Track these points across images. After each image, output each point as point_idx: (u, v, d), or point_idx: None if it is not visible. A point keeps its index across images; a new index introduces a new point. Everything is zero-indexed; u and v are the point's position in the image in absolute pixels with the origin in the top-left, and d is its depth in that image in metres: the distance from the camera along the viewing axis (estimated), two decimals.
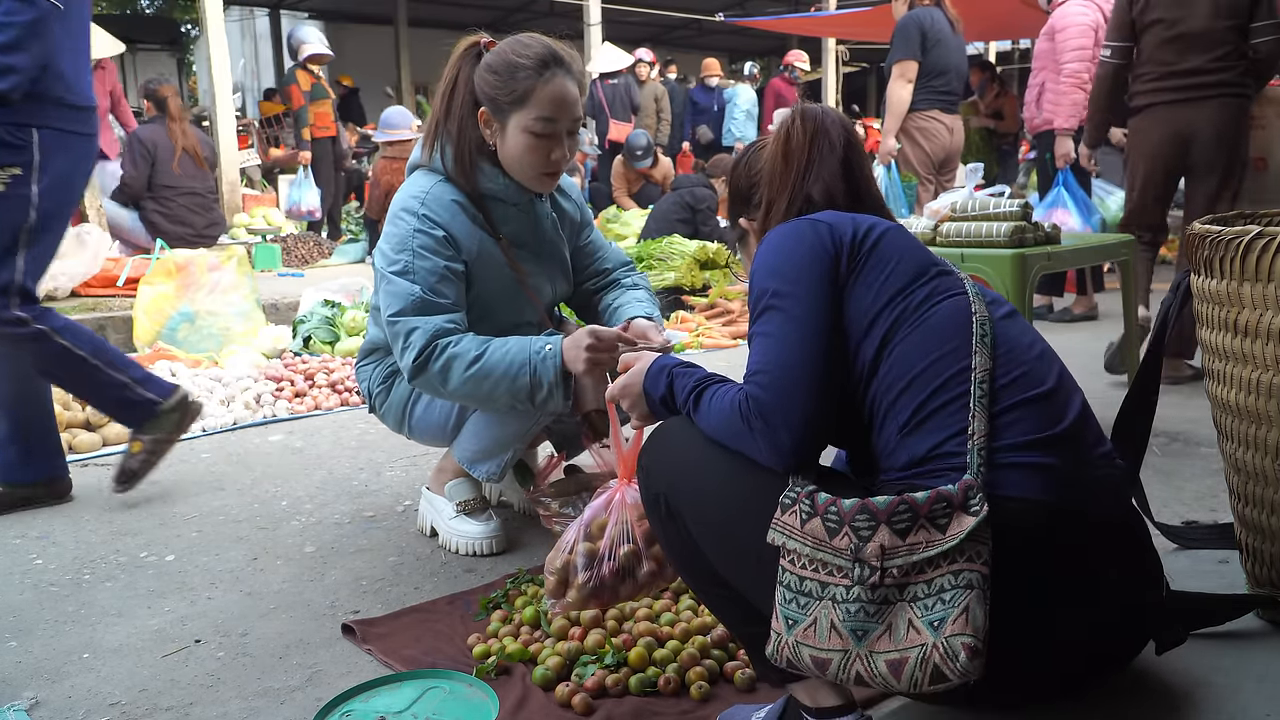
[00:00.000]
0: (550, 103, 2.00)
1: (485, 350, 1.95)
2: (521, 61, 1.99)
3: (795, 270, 1.34)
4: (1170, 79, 3.54)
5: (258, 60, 18.49)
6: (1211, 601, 1.68)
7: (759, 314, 1.35)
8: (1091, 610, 1.24)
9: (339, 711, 1.54)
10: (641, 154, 8.26)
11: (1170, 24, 3.49)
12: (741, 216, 1.62)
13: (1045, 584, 1.20)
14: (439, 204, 2.04)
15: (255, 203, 8.52)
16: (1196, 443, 2.85)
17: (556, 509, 2.25)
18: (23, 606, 2.00)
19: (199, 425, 3.31)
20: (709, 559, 1.31)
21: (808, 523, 1.19)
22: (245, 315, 4.47)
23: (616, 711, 1.53)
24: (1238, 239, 1.56)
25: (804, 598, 1.18)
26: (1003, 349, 1.29)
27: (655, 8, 13.01)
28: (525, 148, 2.03)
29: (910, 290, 1.32)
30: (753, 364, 1.32)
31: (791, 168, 1.49)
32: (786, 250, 1.37)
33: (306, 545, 2.29)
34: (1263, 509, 1.66)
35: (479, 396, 1.99)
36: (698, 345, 4.72)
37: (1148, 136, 3.67)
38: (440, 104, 2.08)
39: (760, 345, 1.33)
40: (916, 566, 1.13)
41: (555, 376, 1.93)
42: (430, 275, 1.99)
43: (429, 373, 1.96)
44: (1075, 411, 1.29)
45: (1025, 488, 1.20)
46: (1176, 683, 1.49)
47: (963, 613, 1.09)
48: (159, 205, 6.13)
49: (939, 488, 1.15)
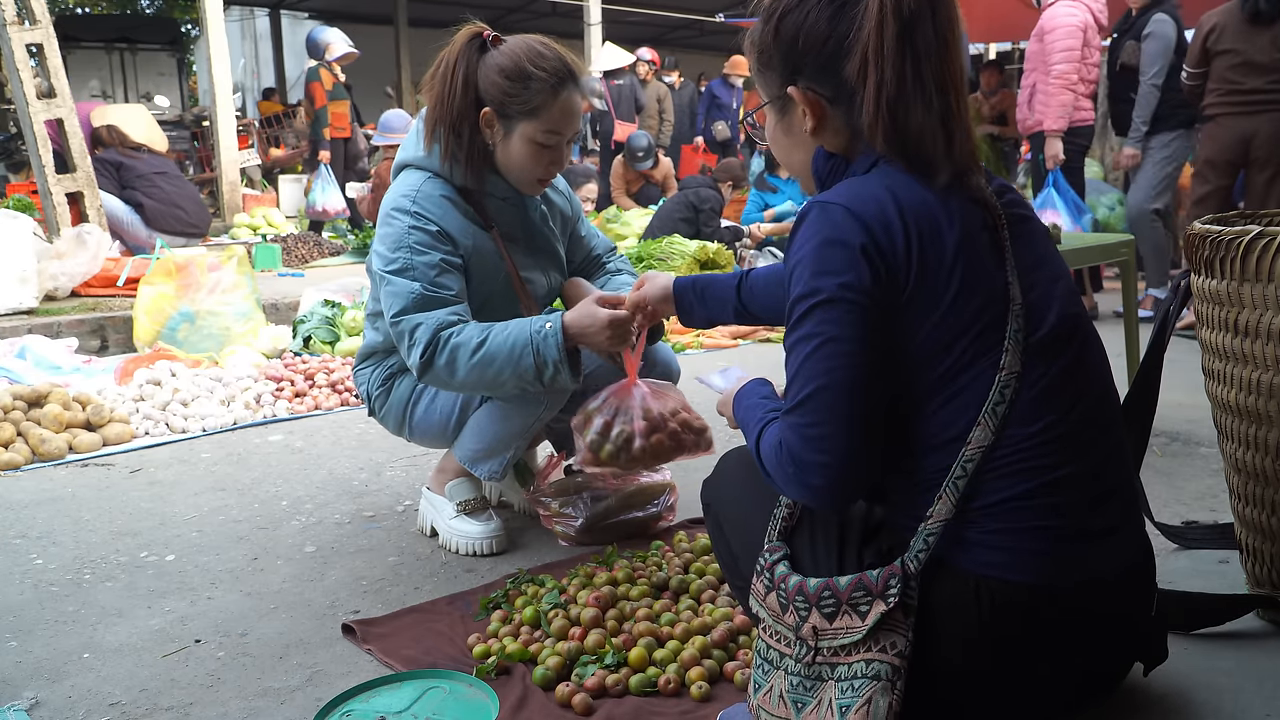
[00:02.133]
0: (559, 118, 2.02)
1: (487, 336, 1.94)
2: (537, 73, 1.99)
3: (850, 280, 1.18)
4: (1236, 94, 4.63)
5: (258, 60, 18.50)
6: (1211, 601, 1.68)
7: (802, 316, 1.21)
8: (1081, 661, 1.26)
9: (339, 711, 1.54)
10: (643, 155, 8.26)
11: (1238, 53, 4.61)
12: (796, 82, 1.30)
13: (1028, 650, 1.22)
14: (430, 201, 2.05)
15: (255, 203, 8.53)
16: (1196, 443, 2.85)
17: (556, 509, 2.25)
18: (23, 606, 2.00)
19: (199, 425, 3.31)
20: (742, 569, 1.39)
21: (767, 595, 1.27)
22: (245, 315, 4.46)
23: (616, 711, 1.53)
24: (1238, 239, 1.56)
25: (767, 665, 1.25)
26: (1015, 424, 1.19)
27: (655, 8, 13.01)
28: (527, 156, 2.05)
29: (954, 345, 1.20)
30: (792, 395, 1.22)
31: (905, 56, 1.20)
32: (838, 256, 1.18)
33: (307, 545, 2.29)
34: (1263, 509, 1.66)
35: (486, 383, 1.98)
36: (698, 345, 4.72)
37: (1218, 138, 4.76)
38: (440, 98, 2.03)
39: (802, 372, 1.20)
40: (845, 649, 1.18)
41: (560, 354, 1.92)
42: (430, 270, 1.99)
43: (435, 367, 1.95)
44: (1086, 482, 1.22)
45: (994, 566, 1.19)
46: (1177, 683, 1.49)
47: (865, 704, 1.14)
48: (145, 195, 6.49)
49: (865, 573, 1.19)
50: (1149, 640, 1.36)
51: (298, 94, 16.79)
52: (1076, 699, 1.29)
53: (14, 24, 5.56)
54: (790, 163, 1.40)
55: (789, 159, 1.40)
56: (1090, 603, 1.22)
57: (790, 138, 1.36)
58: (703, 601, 1.84)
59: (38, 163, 5.65)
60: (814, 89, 1.29)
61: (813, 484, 1.20)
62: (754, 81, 1.40)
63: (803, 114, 1.31)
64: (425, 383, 2.04)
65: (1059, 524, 1.20)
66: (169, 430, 3.30)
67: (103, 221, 5.83)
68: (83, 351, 4.37)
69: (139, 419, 3.30)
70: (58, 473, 2.92)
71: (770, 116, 1.38)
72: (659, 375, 2.17)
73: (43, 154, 5.61)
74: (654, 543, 2.15)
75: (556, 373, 1.93)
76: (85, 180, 5.79)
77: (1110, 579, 1.24)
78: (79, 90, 9.18)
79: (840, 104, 1.28)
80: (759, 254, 6.20)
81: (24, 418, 3.11)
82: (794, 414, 1.21)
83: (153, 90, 14.49)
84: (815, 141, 1.33)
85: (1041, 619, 1.20)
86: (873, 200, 1.20)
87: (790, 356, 1.23)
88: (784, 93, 1.32)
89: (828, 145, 1.32)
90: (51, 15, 5.87)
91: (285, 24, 17.37)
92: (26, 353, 3.93)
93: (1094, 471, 1.23)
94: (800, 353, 1.21)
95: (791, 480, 1.21)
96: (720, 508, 1.42)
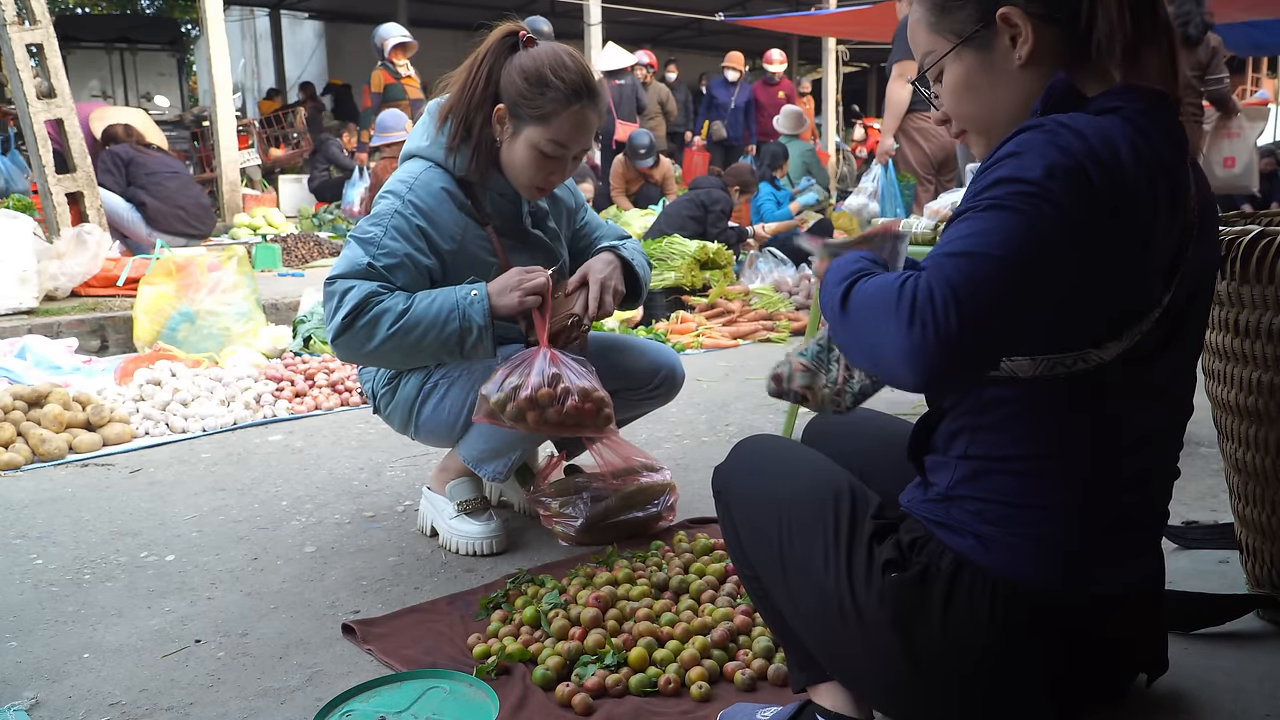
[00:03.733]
0: (569, 131, 2.03)
1: (412, 303, 1.97)
2: (555, 82, 2.00)
3: (1078, 192, 1.05)
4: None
5: (258, 60, 18.48)
6: (1211, 601, 1.68)
7: (988, 203, 1.06)
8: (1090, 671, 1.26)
9: (339, 711, 1.54)
10: (644, 153, 8.27)
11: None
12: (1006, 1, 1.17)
13: (1036, 655, 1.21)
14: (426, 190, 2.06)
15: (255, 203, 8.52)
16: (1196, 443, 2.85)
17: (556, 509, 2.25)
18: (23, 606, 2.00)
19: (199, 425, 3.31)
20: (747, 552, 1.37)
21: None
22: (245, 315, 4.46)
23: (616, 711, 1.53)
24: (1238, 239, 1.56)
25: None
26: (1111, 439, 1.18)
27: (655, 7, 13.01)
28: (529, 161, 2.06)
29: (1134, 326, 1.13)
30: (953, 244, 1.04)
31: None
32: (1083, 171, 1.05)
33: (307, 545, 2.29)
34: (1263, 509, 1.66)
35: (405, 349, 2.00)
36: (698, 345, 4.72)
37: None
38: (462, 87, 2.07)
39: (973, 226, 1.04)
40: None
41: (485, 320, 1.98)
42: (389, 257, 2.00)
43: (354, 329, 1.96)
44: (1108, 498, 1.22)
45: (1013, 568, 1.19)
46: (1177, 683, 1.49)
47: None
48: (149, 194, 6.46)
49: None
50: (1152, 654, 1.36)
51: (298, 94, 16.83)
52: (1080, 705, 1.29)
53: (14, 24, 5.56)
54: (993, 107, 1.22)
55: (990, 103, 1.22)
56: (1103, 614, 1.22)
57: (992, 75, 1.20)
58: (703, 601, 1.84)
59: (38, 163, 5.65)
60: (1025, 6, 1.16)
61: (945, 329, 0.99)
62: (926, 32, 1.24)
63: (1009, 43, 1.18)
64: (337, 349, 2.03)
65: (1090, 535, 1.20)
66: (169, 430, 3.30)
67: (103, 221, 5.83)
68: (83, 351, 4.37)
69: (139, 419, 3.30)
70: (58, 473, 2.92)
71: (959, 64, 1.22)
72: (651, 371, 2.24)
73: (43, 154, 5.62)
74: (654, 543, 2.15)
75: (480, 339, 1.99)
76: (85, 180, 5.79)
77: (1124, 593, 1.24)
78: (79, 90, 9.18)
79: (1056, 23, 1.16)
80: (760, 255, 6.21)
81: (24, 418, 3.11)
82: (957, 257, 1.03)
83: (153, 90, 14.49)
84: (1025, 76, 1.19)
85: (1054, 626, 1.20)
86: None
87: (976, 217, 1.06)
88: (990, 19, 1.17)
89: (1037, 81, 1.18)
90: (51, 15, 5.87)
91: (285, 24, 17.37)
92: (26, 353, 3.93)
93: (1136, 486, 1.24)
94: (987, 217, 1.05)
95: (913, 320, 1.01)
96: (731, 496, 1.41)
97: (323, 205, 9.00)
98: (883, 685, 1.25)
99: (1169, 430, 1.27)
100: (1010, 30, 1.17)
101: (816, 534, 1.26)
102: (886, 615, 1.19)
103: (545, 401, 1.96)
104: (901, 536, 1.24)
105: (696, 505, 2.42)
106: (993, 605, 1.17)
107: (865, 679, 1.28)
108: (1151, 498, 1.27)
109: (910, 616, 1.18)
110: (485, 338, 1.99)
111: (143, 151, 6.69)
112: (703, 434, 3.18)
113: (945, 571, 1.19)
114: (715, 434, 3.18)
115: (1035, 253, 1.02)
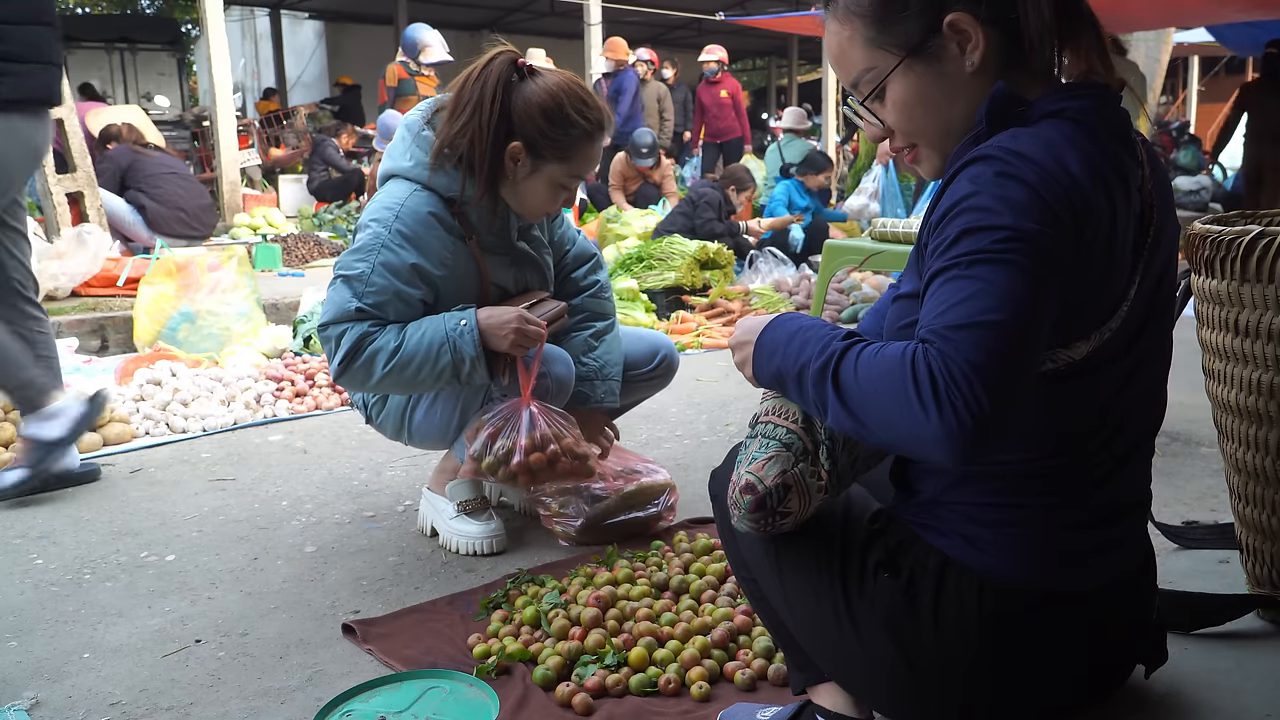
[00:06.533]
0: (587, 164, 2.08)
1: (404, 338, 1.97)
2: (580, 121, 2.01)
3: (1046, 222, 1.05)
4: None
5: (258, 60, 18.48)
6: (1211, 601, 1.68)
7: (970, 260, 1.04)
8: (1080, 665, 1.26)
9: (339, 711, 1.54)
10: (646, 152, 8.27)
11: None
12: (952, 8, 1.14)
13: (1028, 650, 1.22)
14: (414, 218, 2.01)
15: (255, 203, 8.52)
16: (1196, 443, 2.85)
17: (556, 509, 2.26)
18: (23, 606, 2.00)
19: (199, 425, 3.31)
20: (744, 555, 1.37)
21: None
22: (245, 315, 4.46)
23: (616, 711, 1.53)
24: (1238, 239, 1.56)
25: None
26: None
27: (655, 7, 13.01)
28: (546, 194, 2.08)
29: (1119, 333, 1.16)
30: (953, 313, 1.02)
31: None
32: (1043, 200, 1.05)
33: (307, 545, 2.29)
34: (1263, 509, 1.67)
35: (404, 383, 2.01)
36: (698, 345, 4.72)
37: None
38: (468, 121, 1.98)
39: (965, 289, 1.03)
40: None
41: (476, 350, 1.97)
42: (377, 295, 1.97)
43: (351, 371, 1.98)
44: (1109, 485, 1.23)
45: (999, 567, 1.19)
46: (1177, 683, 1.49)
47: (767, 460, 1.20)
48: (149, 196, 6.42)
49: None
50: (1149, 643, 1.37)
51: (298, 94, 16.84)
52: (1076, 698, 1.30)
53: None
54: (950, 118, 1.19)
55: (947, 115, 1.19)
56: (1092, 606, 1.23)
57: (946, 85, 1.17)
58: (703, 601, 1.84)
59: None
60: (971, 10, 1.14)
61: (979, 411, 0.98)
62: (862, 49, 1.20)
63: (958, 50, 1.15)
64: (343, 385, 2.08)
65: (1071, 530, 1.21)
66: (169, 430, 3.30)
67: (103, 221, 5.82)
68: (83, 351, 4.37)
69: (139, 419, 3.30)
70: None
71: (908, 78, 1.18)
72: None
73: None
74: (654, 543, 2.15)
75: (473, 369, 1.98)
76: (85, 180, 5.78)
77: (1111, 583, 1.25)
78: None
79: (996, 25, 1.15)
80: (759, 254, 6.21)
81: None
82: (967, 330, 1.01)
83: (153, 90, 14.49)
84: (976, 83, 1.16)
85: (1044, 621, 1.20)
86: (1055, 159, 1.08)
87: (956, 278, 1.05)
88: (937, 27, 1.15)
89: (986, 87, 1.16)
90: None
91: (285, 24, 17.37)
92: None
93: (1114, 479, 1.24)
94: (982, 271, 1.04)
95: (940, 405, 0.99)
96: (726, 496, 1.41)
97: (323, 205, 8.99)
98: (881, 687, 1.26)
99: (1144, 418, 1.27)
100: (958, 37, 1.15)
101: (811, 538, 1.27)
102: (879, 618, 1.20)
103: (537, 466, 2.03)
104: (890, 539, 1.25)
105: (696, 505, 2.42)
106: (981, 603, 1.18)
107: (863, 681, 1.28)
108: (1132, 487, 1.27)
109: (903, 618, 1.20)
110: (478, 367, 1.98)
111: (142, 152, 6.67)
112: (703, 434, 3.18)
113: (933, 571, 1.20)
114: (715, 434, 3.18)
115: (1032, 301, 1.02)
